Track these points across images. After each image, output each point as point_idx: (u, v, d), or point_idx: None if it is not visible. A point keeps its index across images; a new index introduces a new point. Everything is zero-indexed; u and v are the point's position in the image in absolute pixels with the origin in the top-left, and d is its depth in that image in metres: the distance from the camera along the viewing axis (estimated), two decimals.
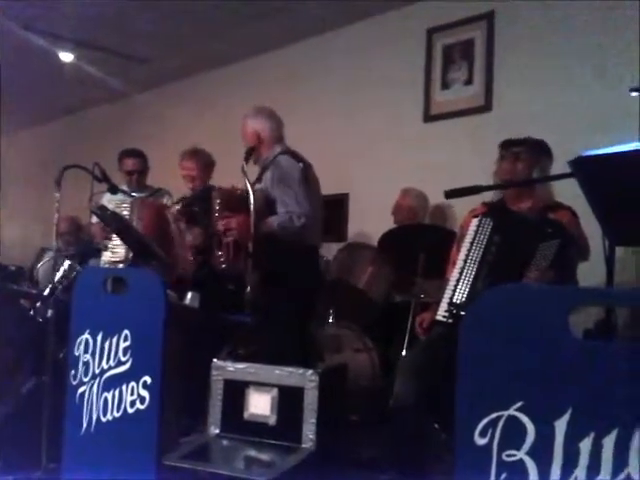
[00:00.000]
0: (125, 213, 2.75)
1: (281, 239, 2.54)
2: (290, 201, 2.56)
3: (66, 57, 5.20)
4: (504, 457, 1.11)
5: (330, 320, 3.30)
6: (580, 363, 1.05)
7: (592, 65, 3.32)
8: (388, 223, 3.69)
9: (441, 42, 3.99)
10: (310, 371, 1.63)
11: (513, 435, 1.10)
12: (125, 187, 3.29)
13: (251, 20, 4.42)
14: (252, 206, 2.27)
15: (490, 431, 1.13)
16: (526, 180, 2.34)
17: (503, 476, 1.11)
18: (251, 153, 2.51)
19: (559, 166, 2.48)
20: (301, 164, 2.68)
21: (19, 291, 3.06)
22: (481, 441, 1.13)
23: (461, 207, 3.82)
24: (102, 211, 2.44)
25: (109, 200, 2.97)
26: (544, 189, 2.42)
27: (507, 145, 2.48)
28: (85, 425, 2.00)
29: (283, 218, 2.55)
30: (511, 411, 1.10)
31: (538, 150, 2.45)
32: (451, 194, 1.67)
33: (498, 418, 1.12)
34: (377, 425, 2.69)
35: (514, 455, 1.10)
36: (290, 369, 1.66)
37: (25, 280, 3.81)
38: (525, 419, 1.09)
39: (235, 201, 2.44)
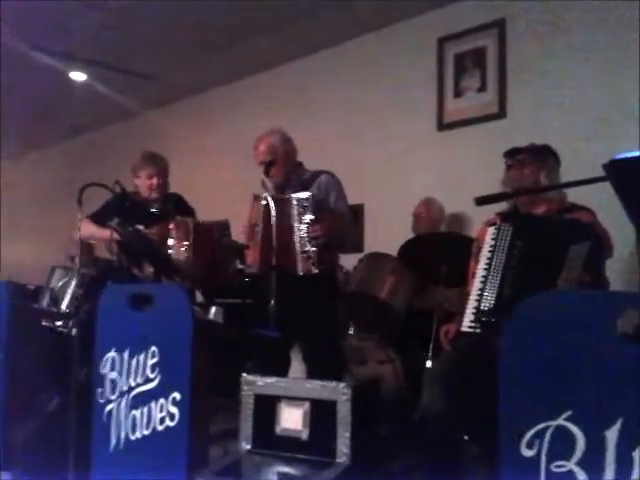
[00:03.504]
0: None
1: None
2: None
3: (78, 76, 5.25)
4: (553, 468, 1.09)
5: (350, 332, 3.29)
6: (631, 370, 1.03)
7: (608, 65, 3.31)
8: (403, 232, 3.67)
9: (452, 51, 4.00)
10: (342, 384, 1.61)
11: (562, 445, 1.08)
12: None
13: (261, 34, 4.44)
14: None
15: (537, 442, 1.10)
16: (554, 185, 2.33)
17: None
18: (271, 167, 2.52)
19: (580, 170, 2.49)
20: None
21: (41, 310, 3.06)
22: (528, 452, 1.11)
23: (477, 215, 3.82)
24: (122, 227, 2.44)
25: None
26: (557, 192, 2.42)
27: (511, 154, 2.49)
28: (114, 443, 1.99)
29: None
30: (559, 421, 1.08)
31: (542, 154, 2.45)
32: (482, 201, 1.65)
33: (546, 428, 1.10)
34: (404, 437, 2.66)
35: (564, 466, 1.08)
36: (322, 382, 1.64)
37: (44, 299, 3.80)
38: (574, 429, 1.07)
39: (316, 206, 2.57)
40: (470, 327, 2.31)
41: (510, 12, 3.73)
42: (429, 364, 2.82)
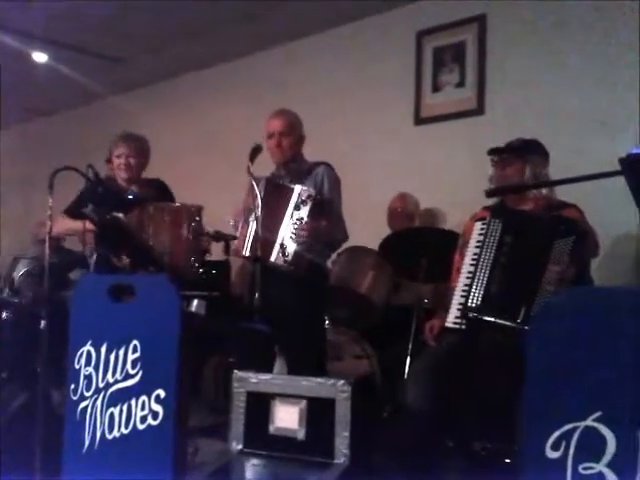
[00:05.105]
0: None
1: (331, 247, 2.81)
2: (338, 208, 2.78)
3: (40, 57, 5.00)
4: (580, 470, 1.05)
5: (325, 326, 3.22)
6: None
7: (586, 66, 3.34)
8: (378, 227, 3.63)
9: (431, 45, 3.97)
10: (341, 381, 1.54)
11: (591, 447, 1.04)
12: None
13: (234, 22, 4.31)
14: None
15: (564, 443, 1.06)
16: (556, 181, 2.30)
17: None
18: (258, 153, 2.42)
19: (558, 168, 2.49)
20: None
21: (2, 301, 2.89)
22: (553, 454, 1.07)
23: (451, 211, 3.82)
24: (98, 215, 2.30)
25: None
26: (546, 189, 2.41)
27: (493, 153, 2.48)
28: (88, 442, 1.86)
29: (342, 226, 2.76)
30: (588, 422, 1.04)
31: (524, 151, 2.43)
32: (491, 193, 1.62)
33: (573, 429, 1.06)
34: (381, 432, 2.62)
35: (592, 468, 1.04)
36: (319, 380, 1.57)
37: (3, 289, 3.59)
38: (604, 430, 1.03)
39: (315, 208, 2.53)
40: (455, 323, 2.29)
41: (491, 8, 3.72)
42: (409, 361, 2.79)
